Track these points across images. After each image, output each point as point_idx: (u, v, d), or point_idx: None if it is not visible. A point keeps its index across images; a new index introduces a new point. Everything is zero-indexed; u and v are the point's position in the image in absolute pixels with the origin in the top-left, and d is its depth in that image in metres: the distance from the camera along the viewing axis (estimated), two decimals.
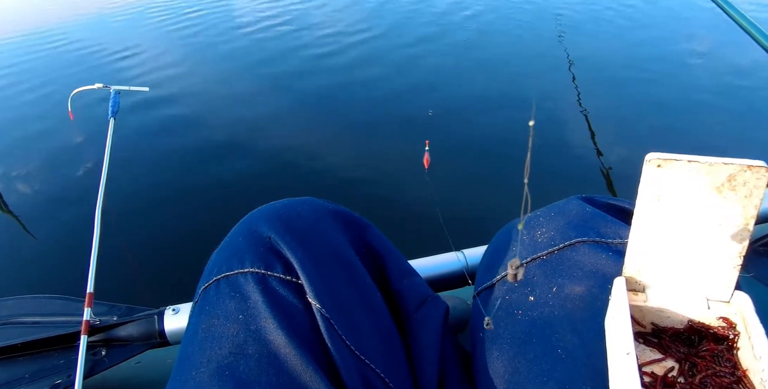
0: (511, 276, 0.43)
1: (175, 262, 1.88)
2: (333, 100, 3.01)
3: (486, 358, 0.49)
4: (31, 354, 0.78)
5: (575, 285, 0.49)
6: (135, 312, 0.81)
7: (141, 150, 2.60)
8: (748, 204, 0.36)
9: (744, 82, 2.89)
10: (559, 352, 0.44)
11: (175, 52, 3.91)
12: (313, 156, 2.48)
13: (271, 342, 0.44)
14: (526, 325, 0.48)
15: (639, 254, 0.40)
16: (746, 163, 0.35)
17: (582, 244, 0.52)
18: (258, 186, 2.29)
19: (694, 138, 2.42)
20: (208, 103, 3.11)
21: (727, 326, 0.39)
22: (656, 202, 0.38)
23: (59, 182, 2.42)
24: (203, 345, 0.46)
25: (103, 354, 0.77)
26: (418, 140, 1.50)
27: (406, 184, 2.19)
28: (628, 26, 3.81)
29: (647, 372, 0.39)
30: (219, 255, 0.53)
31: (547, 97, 2.84)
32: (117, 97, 1.33)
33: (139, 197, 2.26)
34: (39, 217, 2.21)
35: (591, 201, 0.58)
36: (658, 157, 0.37)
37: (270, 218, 0.53)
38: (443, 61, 3.42)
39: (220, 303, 0.48)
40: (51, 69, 3.75)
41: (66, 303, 0.85)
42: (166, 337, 0.76)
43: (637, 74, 3.06)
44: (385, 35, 3.92)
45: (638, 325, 0.42)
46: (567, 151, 2.38)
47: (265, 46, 3.86)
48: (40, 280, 1.87)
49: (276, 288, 0.48)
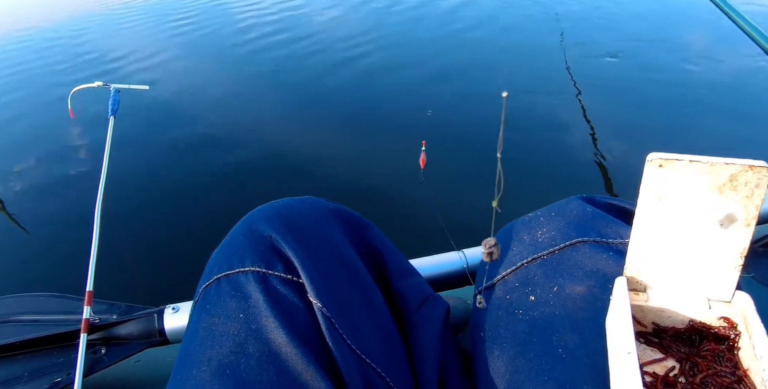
0: (486, 256, 0.43)
1: (174, 261, 1.88)
2: (332, 99, 3.01)
3: (486, 358, 0.49)
4: (31, 352, 0.77)
5: (576, 284, 0.49)
6: (135, 311, 0.81)
7: (141, 148, 2.60)
8: (749, 204, 0.36)
9: (744, 82, 2.89)
10: (560, 352, 0.44)
11: (175, 51, 3.90)
12: (313, 155, 2.48)
13: (271, 341, 0.44)
14: (526, 325, 0.48)
15: (640, 254, 0.40)
16: (748, 163, 0.35)
17: (583, 244, 0.52)
18: (258, 185, 2.29)
19: (694, 138, 2.43)
20: (209, 102, 3.11)
21: (728, 326, 0.39)
22: (657, 202, 0.38)
23: (59, 180, 2.42)
24: (204, 343, 0.45)
25: (103, 353, 0.77)
26: (417, 140, 1.50)
27: (405, 184, 2.19)
28: (628, 26, 3.81)
29: (648, 371, 0.39)
30: (219, 254, 0.53)
31: (546, 97, 2.84)
32: (117, 95, 1.33)
33: (139, 195, 2.26)
34: (39, 215, 2.21)
35: (591, 201, 0.58)
36: (659, 157, 0.37)
37: (270, 217, 0.53)
38: (444, 61, 3.42)
39: (221, 302, 0.48)
40: (51, 67, 3.75)
41: (65, 301, 0.85)
42: (166, 336, 0.76)
43: (636, 74, 3.06)
44: (385, 35, 3.92)
45: (639, 325, 0.42)
46: (567, 151, 2.38)
47: (265, 47, 3.85)
48: (40, 278, 1.87)
49: (277, 287, 0.48)
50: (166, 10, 4.97)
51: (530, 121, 2.60)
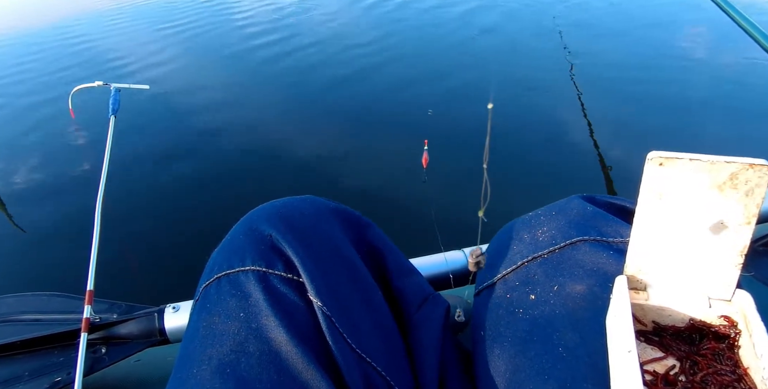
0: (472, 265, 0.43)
1: (175, 260, 1.88)
2: (333, 99, 3.01)
3: (487, 357, 0.49)
4: (31, 351, 0.77)
5: (576, 283, 0.49)
6: (135, 310, 0.81)
7: (142, 147, 2.60)
8: (749, 202, 0.36)
9: (744, 82, 2.89)
10: (560, 351, 0.44)
11: (175, 50, 3.90)
12: (314, 155, 2.48)
13: (272, 340, 0.44)
14: (527, 324, 0.48)
15: (640, 252, 0.40)
16: (748, 162, 0.35)
17: (583, 243, 0.52)
18: (259, 184, 2.29)
19: (694, 137, 2.42)
20: (210, 101, 3.11)
21: (729, 324, 0.39)
22: (658, 201, 0.38)
23: (60, 179, 2.42)
24: (204, 342, 0.46)
25: (103, 352, 0.77)
26: (418, 139, 1.50)
27: (406, 183, 2.19)
28: (628, 26, 3.81)
29: (648, 370, 0.39)
30: (220, 254, 0.53)
31: (547, 97, 2.84)
32: (117, 94, 1.33)
33: (139, 194, 2.26)
34: (39, 214, 2.21)
35: (592, 200, 0.58)
36: (660, 156, 0.37)
37: (271, 216, 0.53)
38: (445, 62, 3.42)
39: (221, 301, 0.48)
40: (52, 66, 3.75)
41: (66, 300, 0.85)
42: (167, 335, 0.76)
43: (637, 73, 3.06)
44: (387, 35, 3.92)
45: (639, 324, 0.42)
46: (567, 150, 2.38)
47: (266, 47, 3.85)
48: (40, 277, 1.87)
49: (277, 286, 0.48)
50: (165, 10, 4.97)
51: (531, 120, 2.60)
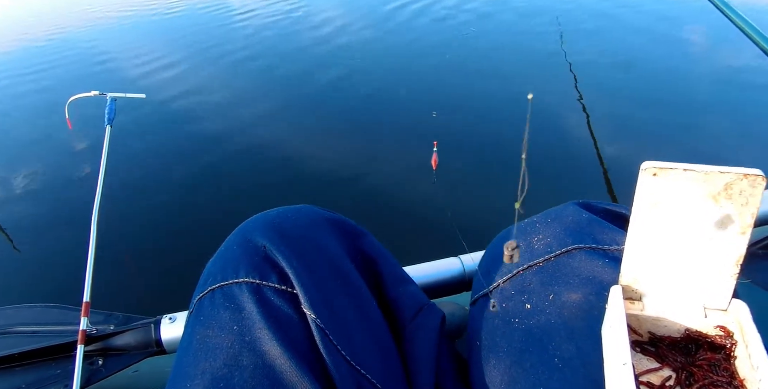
0: (507, 258, 0.43)
1: (171, 270, 1.87)
2: (336, 101, 3.01)
3: (483, 367, 0.48)
4: (28, 364, 0.77)
5: (572, 292, 0.49)
6: (132, 321, 0.81)
7: (137, 157, 2.59)
8: (744, 212, 0.36)
9: (743, 83, 2.89)
10: (556, 361, 0.44)
11: (172, 58, 3.91)
12: (317, 158, 2.47)
13: (266, 353, 0.44)
14: (522, 334, 0.48)
15: (635, 263, 0.40)
16: (742, 172, 0.35)
17: (578, 251, 0.51)
18: (258, 190, 2.28)
19: (694, 140, 2.42)
20: (207, 108, 3.10)
21: (725, 335, 0.39)
22: (652, 211, 0.38)
23: (55, 190, 2.41)
24: (197, 356, 0.45)
25: (100, 364, 0.77)
26: (425, 141, 1.49)
27: (413, 186, 2.17)
28: (627, 28, 3.81)
29: (644, 381, 0.39)
30: (214, 265, 0.52)
31: (546, 100, 2.84)
32: (113, 104, 1.33)
33: (136, 205, 2.25)
34: (35, 226, 2.20)
35: (588, 206, 0.58)
36: (653, 166, 0.36)
37: (265, 227, 0.53)
38: (446, 62, 3.42)
39: (215, 314, 0.47)
40: (48, 75, 3.75)
41: (62, 312, 0.85)
42: (163, 346, 0.76)
43: (635, 77, 3.06)
44: (388, 36, 3.93)
45: (635, 334, 0.42)
46: (565, 155, 2.37)
47: (267, 47, 3.85)
48: (37, 289, 1.86)
49: (271, 298, 0.47)
50: (164, 9, 4.98)
51: (531, 123, 2.59)
